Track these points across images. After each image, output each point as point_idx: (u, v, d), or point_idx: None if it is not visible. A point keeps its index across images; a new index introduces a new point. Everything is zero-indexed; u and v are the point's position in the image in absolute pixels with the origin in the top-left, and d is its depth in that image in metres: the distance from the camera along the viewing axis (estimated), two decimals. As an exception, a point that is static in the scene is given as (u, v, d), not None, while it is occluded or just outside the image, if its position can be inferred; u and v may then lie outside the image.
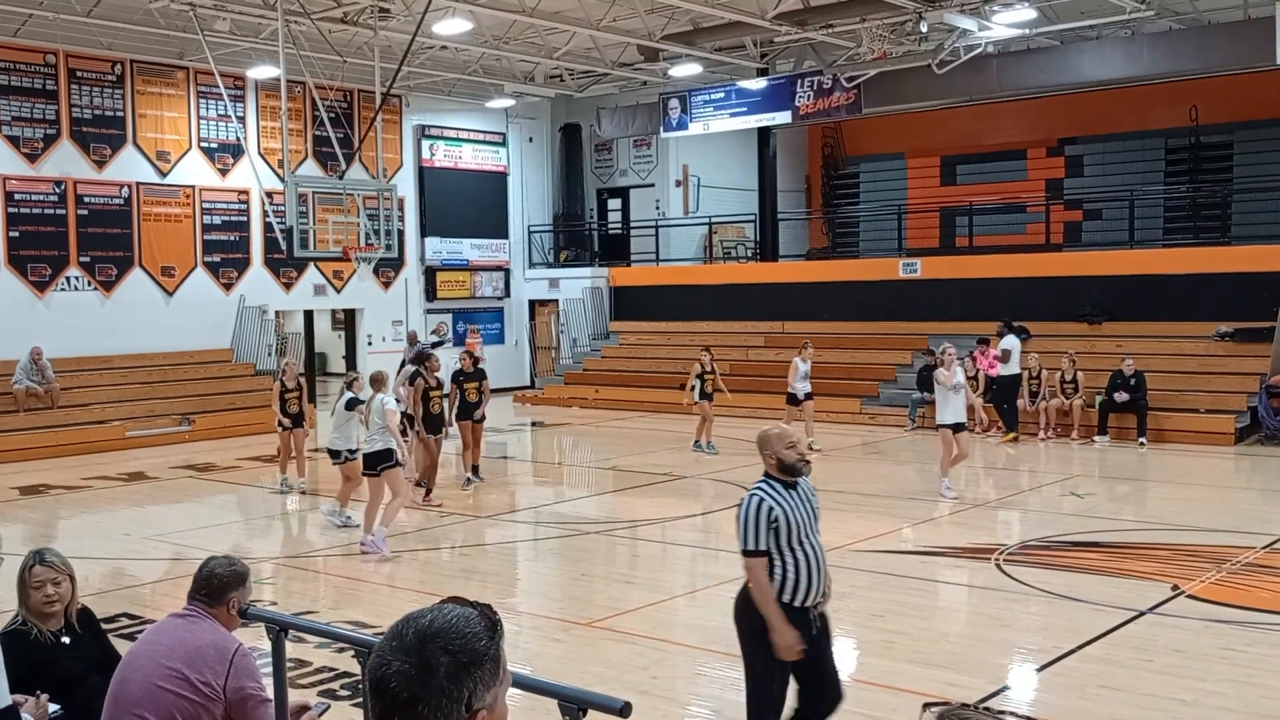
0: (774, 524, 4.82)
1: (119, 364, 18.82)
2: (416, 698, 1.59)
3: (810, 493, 5.04)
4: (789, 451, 4.97)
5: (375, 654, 1.64)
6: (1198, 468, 14.41)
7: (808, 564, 4.88)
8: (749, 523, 4.86)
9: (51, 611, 4.34)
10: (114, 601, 8.46)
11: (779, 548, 4.84)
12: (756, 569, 4.87)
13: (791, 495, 4.93)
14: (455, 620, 1.65)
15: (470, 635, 1.64)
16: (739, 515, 4.92)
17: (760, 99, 21.44)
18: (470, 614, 1.67)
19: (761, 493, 4.92)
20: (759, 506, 4.87)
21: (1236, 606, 7.94)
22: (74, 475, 14.79)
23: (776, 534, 4.83)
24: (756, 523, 4.84)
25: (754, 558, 4.86)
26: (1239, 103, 20.97)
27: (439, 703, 1.59)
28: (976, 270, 20.19)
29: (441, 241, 24.02)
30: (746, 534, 4.86)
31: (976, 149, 24.69)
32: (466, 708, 1.61)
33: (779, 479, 4.96)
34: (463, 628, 1.64)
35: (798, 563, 4.86)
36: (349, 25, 17.24)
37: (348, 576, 9.61)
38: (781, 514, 4.83)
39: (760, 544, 4.84)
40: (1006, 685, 6.63)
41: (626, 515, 12.02)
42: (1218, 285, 17.52)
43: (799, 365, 16.03)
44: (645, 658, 7.06)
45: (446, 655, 1.61)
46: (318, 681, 6.59)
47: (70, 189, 18.78)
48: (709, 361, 16.07)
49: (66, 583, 4.38)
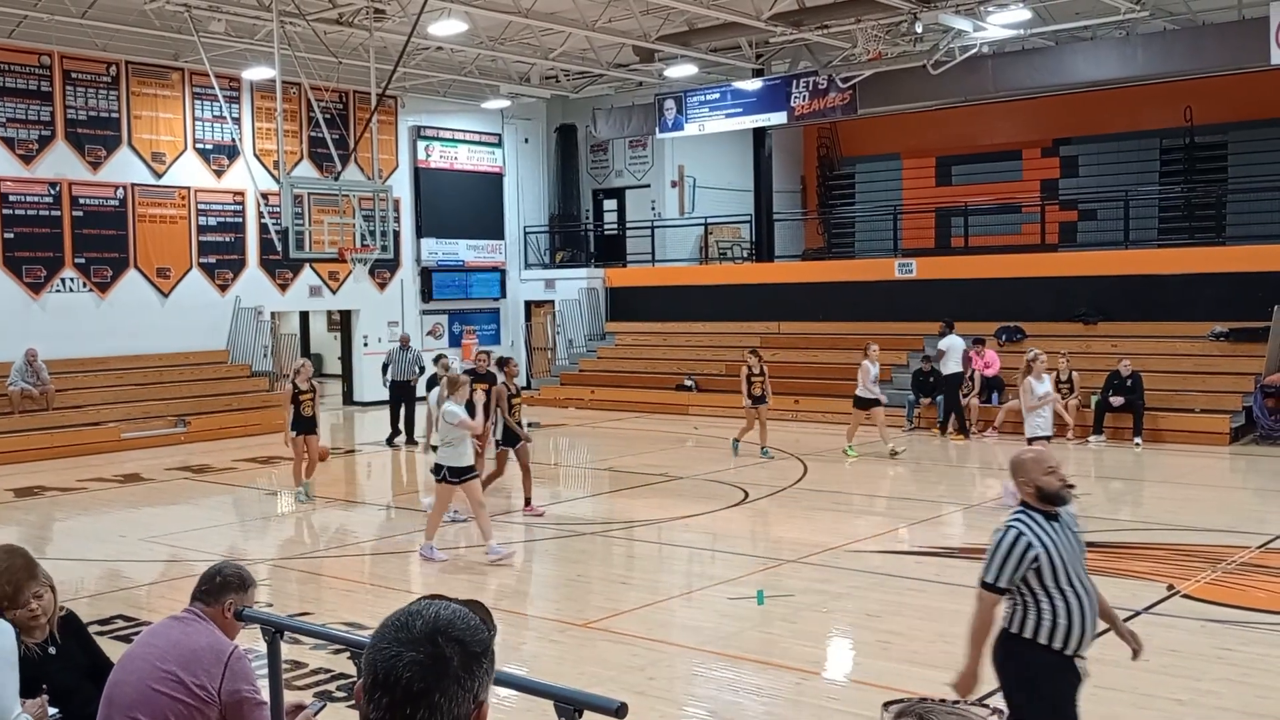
0: (1034, 565, 4.31)
1: (114, 365, 18.79)
2: (432, 688, 1.58)
3: (1073, 523, 4.50)
4: (1049, 478, 4.42)
5: (378, 647, 1.62)
6: (1193, 467, 14.43)
7: (1079, 606, 4.34)
8: (1001, 558, 4.35)
9: (37, 625, 4.30)
10: (109, 603, 8.45)
11: (1044, 588, 4.33)
12: (986, 602, 4.42)
13: (1054, 528, 4.39)
14: (459, 614, 1.66)
15: (475, 627, 1.65)
16: (992, 546, 4.42)
17: (755, 100, 21.45)
18: (463, 608, 1.68)
19: (1021, 526, 4.38)
20: (1015, 542, 4.34)
21: (1232, 606, 7.95)
22: (69, 477, 14.77)
23: (1039, 574, 4.32)
24: (1008, 559, 4.34)
25: (991, 592, 4.40)
26: (1233, 103, 21.00)
27: (454, 692, 1.59)
28: (972, 271, 20.21)
29: (437, 242, 24.01)
30: (992, 567, 4.38)
31: (972, 149, 24.72)
32: (474, 699, 1.62)
33: (1039, 509, 4.42)
34: (469, 620, 1.65)
35: (1068, 605, 4.31)
36: (344, 26, 17.23)
37: (343, 577, 9.60)
38: (1044, 553, 4.31)
39: (1004, 581, 4.36)
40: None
41: (623, 516, 12.02)
42: (1213, 285, 17.54)
43: (869, 369, 15.26)
44: (642, 658, 7.06)
45: (459, 645, 1.61)
46: (314, 683, 6.58)
47: (65, 190, 18.75)
48: (757, 364, 15.40)
49: (48, 594, 4.31)
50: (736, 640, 7.42)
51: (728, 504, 12.27)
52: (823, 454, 15.59)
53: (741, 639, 7.46)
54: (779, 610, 8.10)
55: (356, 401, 23.11)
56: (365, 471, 16.27)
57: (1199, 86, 20.30)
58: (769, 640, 7.45)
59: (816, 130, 26.48)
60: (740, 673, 6.83)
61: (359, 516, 12.84)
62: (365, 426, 20.04)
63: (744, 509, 12.16)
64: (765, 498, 12.94)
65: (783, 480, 13.95)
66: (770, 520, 12.22)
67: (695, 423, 19.35)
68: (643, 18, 18.14)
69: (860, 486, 13.40)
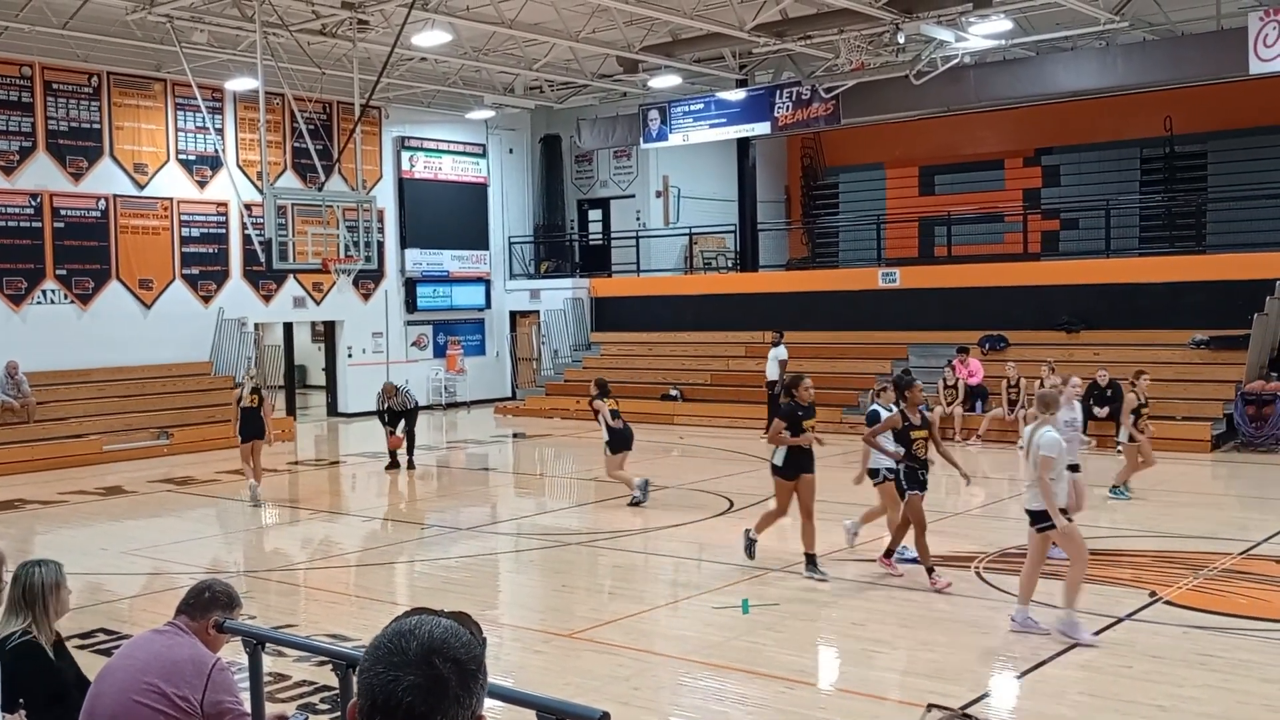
0: None
1: (96, 378, 18.68)
2: (433, 709, 1.58)
3: None
4: None
5: (374, 671, 1.61)
6: (1175, 475, 14.49)
7: None
8: None
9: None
10: (91, 617, 8.39)
11: None
12: None
13: None
14: (451, 630, 1.65)
15: (468, 643, 1.65)
16: None
17: (739, 110, 21.53)
18: (453, 624, 1.67)
19: None
20: None
21: (1213, 613, 8.00)
22: (50, 490, 14.67)
23: None
24: None
25: None
26: (1213, 112, 21.18)
27: (454, 712, 1.60)
28: (955, 280, 20.30)
29: (422, 253, 23.98)
30: None
31: (954, 159, 24.85)
32: (471, 714, 1.62)
33: None
34: (461, 636, 1.65)
35: None
36: (328, 37, 17.21)
37: (327, 589, 9.56)
38: None
39: None
40: (987, 692, 6.65)
41: (608, 526, 12.01)
42: (1193, 293, 17.66)
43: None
44: (627, 668, 7.05)
45: (455, 665, 1.61)
46: (298, 695, 6.55)
47: (46, 202, 18.66)
48: (1141, 392, 12.58)
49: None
50: (721, 650, 7.42)
51: (713, 513, 12.27)
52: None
53: (726, 648, 7.46)
54: (764, 619, 8.10)
55: (341, 413, 23.04)
56: (350, 483, 16.22)
57: (1179, 96, 20.47)
58: (754, 649, 7.46)
59: (800, 140, 26.58)
60: (725, 682, 6.82)
61: (343, 528, 12.79)
62: (350, 438, 19.99)
63: (729, 518, 12.17)
64: (750, 506, 12.95)
65: (767, 489, 13.96)
66: (755, 529, 12.22)
67: (680, 432, 19.35)
68: (626, 28, 18.19)
69: (844, 495, 13.40)
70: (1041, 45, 19.27)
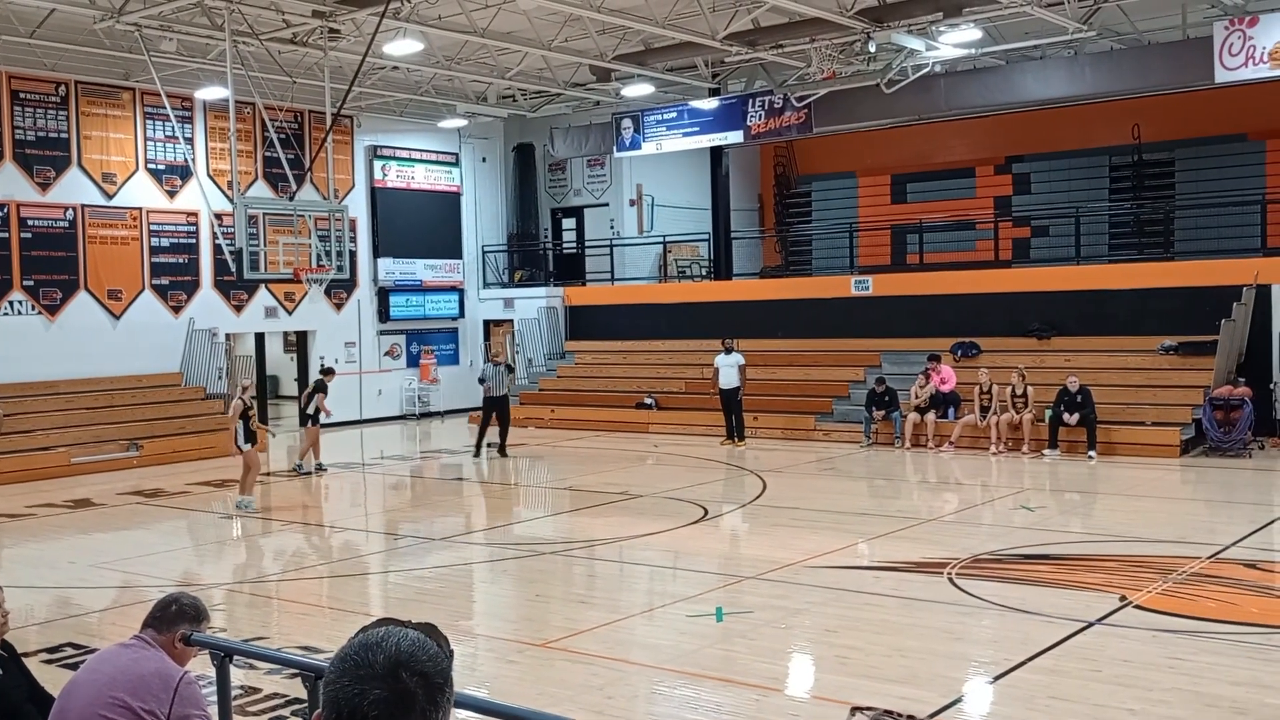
0: None
1: (64, 389, 18.49)
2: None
3: None
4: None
5: (340, 684, 1.58)
6: (1145, 480, 14.63)
7: None
8: None
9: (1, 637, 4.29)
10: (59, 631, 8.30)
11: None
12: None
13: None
14: (418, 642, 1.63)
15: (435, 656, 1.63)
16: None
17: (712, 119, 21.59)
18: (420, 635, 1.65)
19: None
20: None
21: (1183, 616, 8.07)
22: (18, 503, 14.49)
23: None
24: None
25: None
26: (1179, 121, 21.42)
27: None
28: (927, 287, 20.42)
29: (394, 262, 23.90)
30: None
31: (926, 167, 25.01)
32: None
33: None
34: (428, 649, 1.63)
35: None
36: (298, 46, 17.14)
37: (299, 601, 9.49)
38: None
39: None
40: (959, 698, 6.68)
41: (583, 535, 11.98)
42: (1162, 300, 17.84)
43: None
44: (601, 678, 7.04)
45: (421, 679, 1.58)
46: (269, 709, 6.49)
47: (13, 212, 18.47)
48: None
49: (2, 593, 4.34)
50: (696, 658, 7.42)
51: (687, 521, 12.28)
52: (781, 470, 15.64)
53: (700, 656, 7.45)
54: (738, 627, 8.11)
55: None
56: (323, 493, 16.12)
57: (1146, 104, 20.69)
58: (728, 657, 7.46)
59: (773, 149, 26.69)
60: (699, 690, 6.82)
61: (316, 539, 12.71)
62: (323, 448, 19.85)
63: (703, 526, 12.18)
64: (725, 515, 12.98)
65: (742, 497, 14.00)
66: (729, 537, 12.25)
67: (655, 440, 19.36)
68: (599, 37, 18.22)
69: (818, 502, 13.45)
70: (1011, 54, 19.44)
